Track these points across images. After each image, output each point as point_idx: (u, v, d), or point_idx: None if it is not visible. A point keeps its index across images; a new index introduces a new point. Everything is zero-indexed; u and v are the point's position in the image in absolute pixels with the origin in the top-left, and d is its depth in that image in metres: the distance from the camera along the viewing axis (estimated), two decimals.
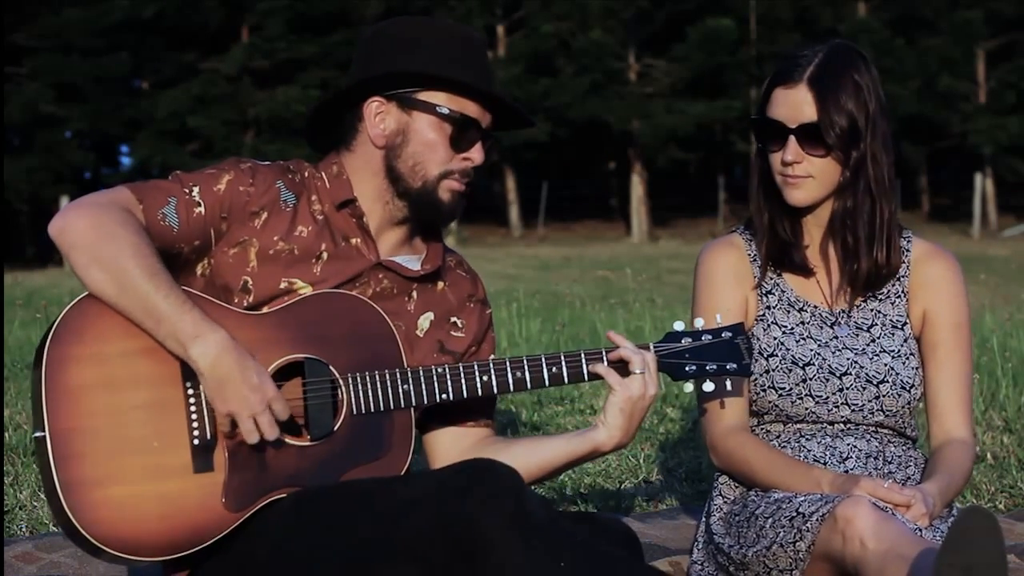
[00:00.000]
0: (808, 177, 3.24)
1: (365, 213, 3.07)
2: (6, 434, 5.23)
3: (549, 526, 2.64)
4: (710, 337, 3.08)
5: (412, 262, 3.13)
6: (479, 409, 3.17)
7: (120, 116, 35.70)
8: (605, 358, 3.02)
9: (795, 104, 3.23)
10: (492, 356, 3.24)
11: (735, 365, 3.07)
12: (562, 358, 3.03)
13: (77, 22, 34.49)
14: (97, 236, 2.84)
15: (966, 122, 36.85)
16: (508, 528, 2.58)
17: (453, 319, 3.17)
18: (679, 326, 3.10)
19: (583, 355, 3.03)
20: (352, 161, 3.09)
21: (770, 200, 3.33)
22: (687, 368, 3.06)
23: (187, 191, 2.96)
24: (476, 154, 3.04)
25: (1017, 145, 36.55)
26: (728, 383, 3.09)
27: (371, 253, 3.07)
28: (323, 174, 3.09)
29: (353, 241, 3.06)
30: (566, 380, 3.03)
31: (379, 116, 3.04)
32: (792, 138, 3.22)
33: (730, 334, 3.08)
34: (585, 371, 3.03)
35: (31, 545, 3.83)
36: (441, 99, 3.02)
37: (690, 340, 3.07)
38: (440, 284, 3.17)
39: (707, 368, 3.06)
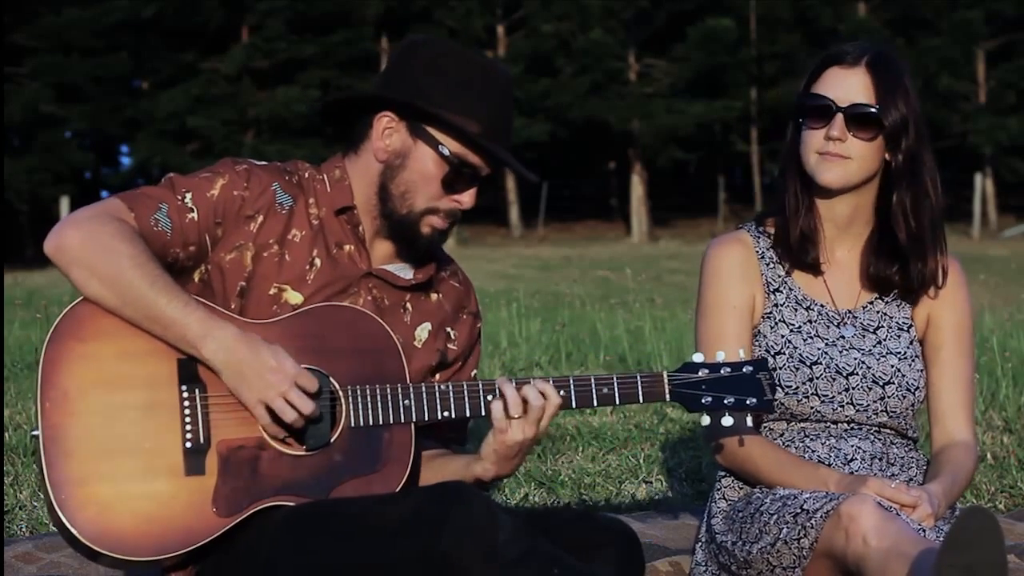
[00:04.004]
0: (847, 158, 3.24)
1: (361, 222, 3.06)
2: (6, 434, 5.23)
3: (525, 558, 2.64)
4: (729, 370, 2.99)
5: (405, 270, 3.12)
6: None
7: (120, 116, 35.69)
8: (498, 392, 2.93)
9: (850, 85, 3.23)
10: (474, 372, 3.23)
11: (755, 400, 2.98)
12: (571, 381, 2.98)
13: (77, 22, 34.47)
14: (93, 250, 2.85)
15: (966, 122, 36.84)
16: (484, 564, 2.61)
17: (448, 329, 3.17)
18: (698, 358, 3.02)
19: (592, 379, 2.97)
20: (355, 165, 3.08)
21: (805, 189, 3.32)
22: (703, 400, 2.98)
23: (179, 197, 2.96)
24: (467, 198, 3.03)
25: (1017, 145, 36.54)
26: (748, 419, 3.04)
27: (362, 262, 3.06)
28: (324, 176, 3.09)
29: (346, 248, 3.06)
30: (573, 404, 2.98)
31: (387, 131, 3.03)
32: (840, 116, 3.22)
33: (751, 368, 2.99)
34: (595, 396, 2.97)
35: (31, 545, 3.83)
36: (447, 139, 3.00)
37: (707, 371, 2.99)
38: (434, 295, 3.16)
39: (725, 401, 2.98)
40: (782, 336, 3.32)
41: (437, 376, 3.15)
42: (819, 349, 3.30)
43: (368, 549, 2.70)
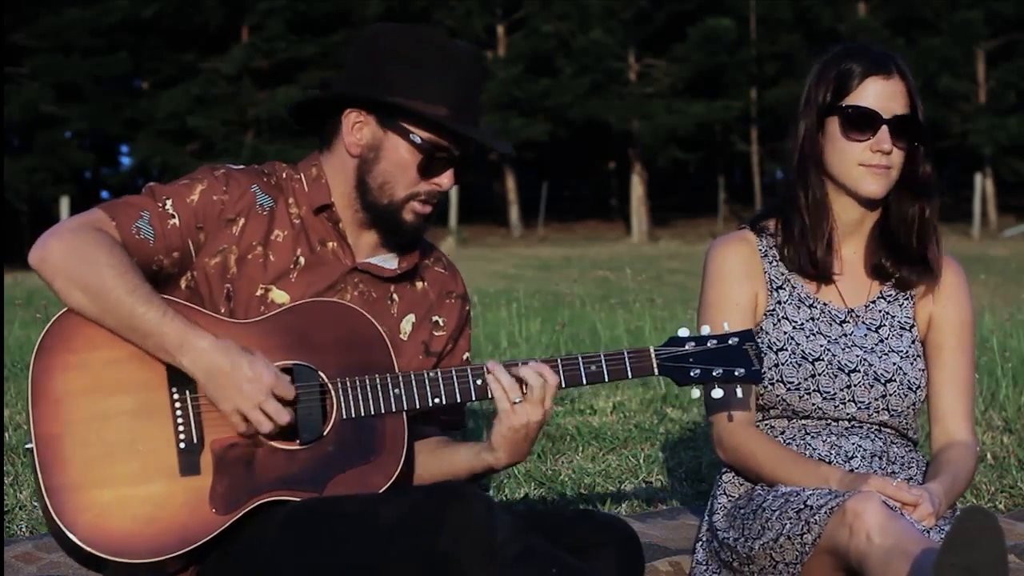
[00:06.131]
0: (891, 168, 3.27)
1: (342, 219, 3.07)
2: (6, 434, 5.24)
3: (523, 557, 2.65)
4: (715, 342, 3.02)
5: (389, 260, 3.13)
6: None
7: (120, 116, 35.69)
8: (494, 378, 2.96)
9: (891, 95, 3.26)
10: (467, 355, 3.24)
11: (743, 370, 3.01)
12: (559, 362, 3.00)
13: (77, 22, 34.47)
14: (75, 260, 2.86)
15: (966, 122, 36.83)
16: (482, 564, 2.61)
17: (434, 318, 3.18)
18: (684, 332, 3.04)
19: (580, 358, 3.00)
20: (330, 163, 3.10)
21: (824, 195, 3.33)
22: (691, 373, 3.01)
23: (160, 204, 2.97)
24: (445, 180, 3.04)
25: (1017, 145, 36.52)
26: (738, 390, 3.06)
27: (346, 258, 3.08)
28: (302, 176, 3.10)
29: (329, 245, 3.07)
30: (563, 384, 3.00)
31: (356, 126, 3.05)
32: (885, 128, 3.24)
33: (737, 339, 3.02)
34: (584, 374, 3.00)
35: (31, 545, 3.83)
36: (416, 127, 3.01)
37: (694, 344, 3.02)
38: (419, 284, 3.18)
39: (713, 373, 3.00)
40: (784, 332, 3.32)
41: (431, 365, 3.15)
42: (821, 346, 3.31)
43: (367, 548, 2.70)
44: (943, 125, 36.75)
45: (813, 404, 3.30)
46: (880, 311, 3.38)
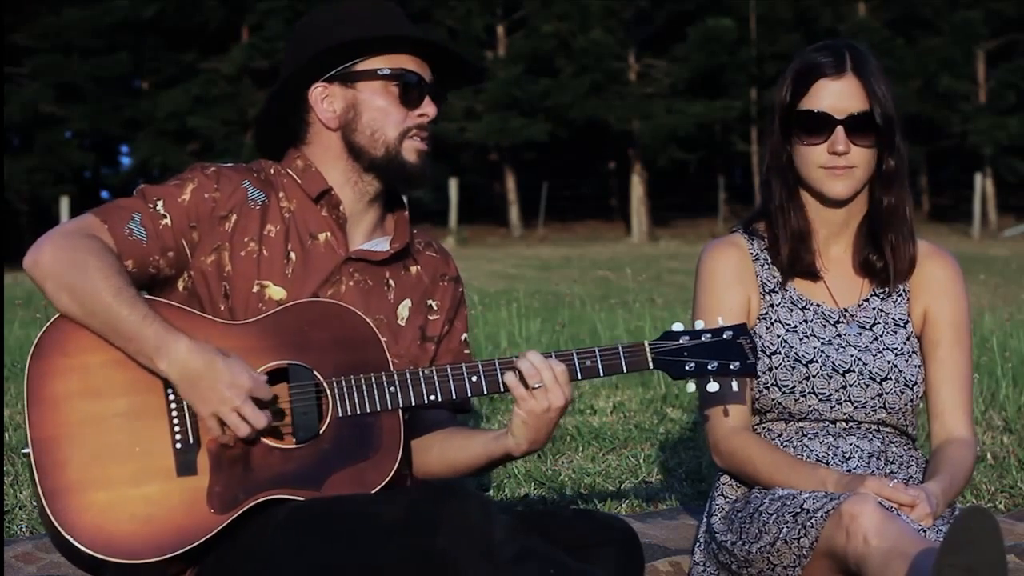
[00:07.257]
0: (853, 168, 3.25)
1: (343, 201, 3.09)
2: (6, 434, 5.24)
3: (521, 557, 2.65)
4: (710, 336, 3.02)
5: (381, 243, 3.15)
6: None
7: (120, 116, 35.68)
8: (515, 369, 2.98)
9: (845, 94, 3.23)
10: (465, 335, 3.25)
11: (738, 364, 3.01)
12: (552, 356, 3.00)
13: (77, 22, 34.47)
14: (64, 264, 2.87)
15: (966, 122, 36.82)
16: (480, 563, 2.61)
17: (429, 302, 3.19)
18: (678, 327, 3.05)
19: (575, 353, 3.02)
20: (312, 152, 3.11)
21: (794, 196, 3.33)
22: (687, 367, 3.01)
23: (151, 205, 2.98)
24: (428, 108, 3.08)
25: (1017, 145, 36.52)
26: (733, 384, 3.06)
27: (340, 248, 3.08)
28: (288, 170, 3.11)
29: (321, 237, 3.08)
30: (579, 376, 3.02)
31: (326, 100, 3.08)
32: (840, 128, 3.23)
33: (731, 333, 3.03)
34: (579, 369, 3.01)
35: (31, 545, 3.83)
36: (379, 63, 3.06)
37: (688, 339, 3.02)
38: (414, 268, 3.19)
39: (708, 367, 3.00)
40: (778, 336, 3.32)
41: (432, 350, 3.17)
42: (815, 348, 3.31)
43: (365, 548, 2.70)
44: (943, 125, 36.74)
45: (809, 406, 3.30)
46: (874, 309, 3.38)
